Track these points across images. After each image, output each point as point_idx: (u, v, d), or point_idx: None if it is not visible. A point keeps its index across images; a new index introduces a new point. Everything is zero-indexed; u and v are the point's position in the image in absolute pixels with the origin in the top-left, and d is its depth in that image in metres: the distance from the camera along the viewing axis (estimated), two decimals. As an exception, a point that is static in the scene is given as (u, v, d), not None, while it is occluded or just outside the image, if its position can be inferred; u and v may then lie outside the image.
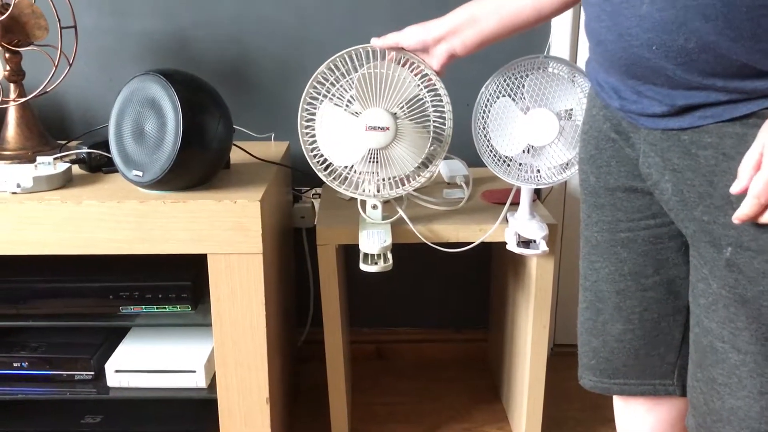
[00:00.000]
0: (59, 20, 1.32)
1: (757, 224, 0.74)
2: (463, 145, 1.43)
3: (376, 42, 1.19)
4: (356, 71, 1.21)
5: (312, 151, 1.26)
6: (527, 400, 1.46)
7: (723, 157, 0.75)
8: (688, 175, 0.79)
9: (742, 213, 0.72)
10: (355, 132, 1.21)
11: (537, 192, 1.50)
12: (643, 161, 0.86)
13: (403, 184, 1.29)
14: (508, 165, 1.27)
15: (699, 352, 0.86)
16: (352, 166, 1.26)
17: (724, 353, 0.81)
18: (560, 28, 1.69)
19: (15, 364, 1.31)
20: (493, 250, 1.81)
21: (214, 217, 1.16)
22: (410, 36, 1.16)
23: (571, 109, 1.22)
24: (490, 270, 1.86)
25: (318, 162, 1.26)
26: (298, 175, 1.66)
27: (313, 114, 1.23)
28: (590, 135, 0.95)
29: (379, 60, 1.21)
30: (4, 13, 1.30)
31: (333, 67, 1.22)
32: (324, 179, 1.27)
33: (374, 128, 1.21)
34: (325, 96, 1.22)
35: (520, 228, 1.29)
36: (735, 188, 0.72)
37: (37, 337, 1.37)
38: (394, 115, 1.21)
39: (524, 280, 1.45)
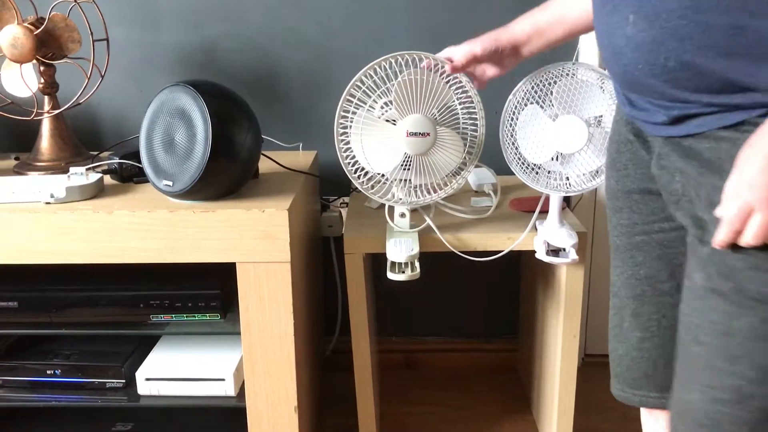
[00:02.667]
0: (92, 33, 1.34)
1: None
2: (491, 152, 1.43)
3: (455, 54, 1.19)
4: (390, 79, 1.21)
5: (347, 158, 1.26)
6: (557, 411, 1.44)
7: (718, 160, 0.77)
8: (691, 176, 0.81)
9: (718, 239, 0.74)
10: (394, 138, 1.21)
11: (566, 200, 1.49)
12: (655, 162, 0.87)
13: (435, 192, 1.29)
14: (537, 173, 1.26)
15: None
16: (388, 174, 1.26)
17: (688, 346, 0.82)
18: (589, 34, 1.67)
19: (48, 372, 1.33)
20: (522, 259, 1.79)
21: (242, 226, 1.17)
22: (485, 48, 1.16)
23: (601, 116, 1.21)
24: (519, 279, 1.85)
25: (352, 170, 1.26)
26: (325, 184, 1.66)
27: (349, 121, 1.23)
28: (613, 139, 0.97)
29: (411, 68, 1.21)
30: (39, 28, 1.33)
31: (372, 73, 1.22)
32: (359, 186, 1.27)
33: (415, 134, 1.21)
34: (361, 103, 1.22)
35: (550, 236, 1.28)
36: (718, 212, 0.75)
37: (69, 345, 1.39)
38: (435, 121, 1.22)
39: (554, 289, 1.43)
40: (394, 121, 1.21)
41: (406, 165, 1.24)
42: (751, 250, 0.73)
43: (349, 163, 1.26)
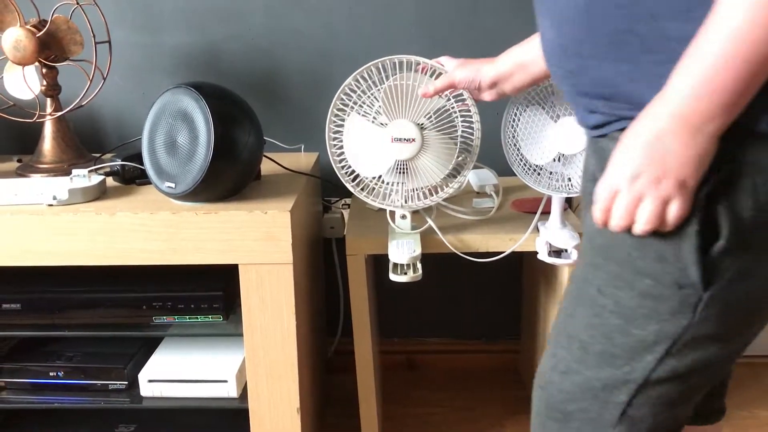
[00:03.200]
0: (94, 36, 1.34)
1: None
2: (493, 153, 1.43)
3: (429, 87, 1.19)
4: (383, 83, 1.21)
5: (340, 162, 1.26)
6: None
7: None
8: (599, 176, 0.81)
9: (593, 216, 0.75)
10: (381, 143, 1.21)
11: (568, 201, 1.49)
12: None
13: (432, 195, 1.29)
14: (539, 174, 1.26)
15: None
16: (380, 177, 1.26)
17: (557, 319, 0.85)
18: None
19: (51, 374, 1.33)
20: (524, 260, 1.79)
21: (245, 228, 1.17)
22: (463, 79, 1.16)
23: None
24: (521, 280, 1.85)
25: (346, 173, 1.27)
26: (327, 186, 1.67)
27: (341, 125, 1.24)
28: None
29: (405, 71, 1.21)
30: (41, 30, 1.33)
31: (360, 78, 1.22)
32: (352, 190, 1.27)
33: (400, 140, 1.21)
34: (352, 107, 1.23)
35: (552, 237, 1.28)
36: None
37: (72, 346, 1.39)
38: (420, 126, 1.21)
39: (556, 289, 1.43)
40: (385, 124, 1.22)
41: (400, 169, 1.24)
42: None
43: (341, 167, 1.26)
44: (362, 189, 1.28)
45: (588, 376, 0.78)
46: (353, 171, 1.26)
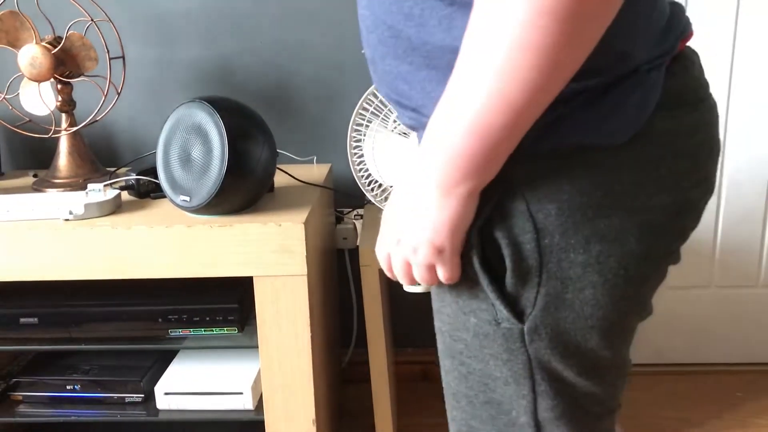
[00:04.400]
0: (108, 51, 1.36)
1: None
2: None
3: None
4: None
5: (360, 171, 1.26)
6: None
7: None
8: None
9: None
10: (406, 152, 1.22)
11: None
12: None
13: None
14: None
15: None
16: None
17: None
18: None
19: (68, 387, 1.34)
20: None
21: (259, 240, 1.18)
22: None
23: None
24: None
25: (366, 183, 1.27)
26: (340, 197, 1.67)
27: (363, 134, 1.24)
28: None
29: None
30: (56, 47, 1.35)
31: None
32: (372, 199, 1.28)
33: None
34: (370, 118, 1.23)
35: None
36: None
37: (88, 360, 1.40)
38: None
39: (570, 298, 1.43)
40: (407, 134, 1.22)
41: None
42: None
43: (362, 176, 1.26)
44: (385, 198, 1.28)
45: (488, 430, 0.71)
46: (375, 180, 1.26)
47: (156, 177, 1.27)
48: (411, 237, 0.63)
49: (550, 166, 0.60)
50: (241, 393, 1.29)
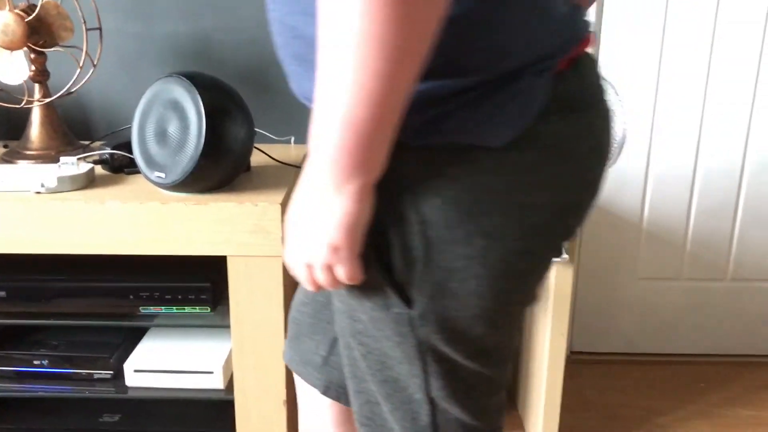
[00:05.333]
0: (84, 22, 1.33)
1: None
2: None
3: None
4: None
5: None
6: (543, 408, 1.45)
7: None
8: None
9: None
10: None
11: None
12: None
13: None
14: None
15: None
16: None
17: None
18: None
19: (35, 362, 1.32)
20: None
21: (234, 220, 1.17)
22: None
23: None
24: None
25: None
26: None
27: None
28: None
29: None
30: (30, 15, 1.32)
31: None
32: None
33: None
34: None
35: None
36: None
37: (57, 335, 1.38)
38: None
39: (542, 291, 1.44)
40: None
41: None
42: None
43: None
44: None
45: (387, 405, 0.74)
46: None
47: (131, 152, 1.25)
48: (308, 240, 0.63)
49: (435, 162, 0.61)
50: (211, 372, 1.29)
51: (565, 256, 1.27)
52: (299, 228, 0.64)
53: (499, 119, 0.60)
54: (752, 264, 1.91)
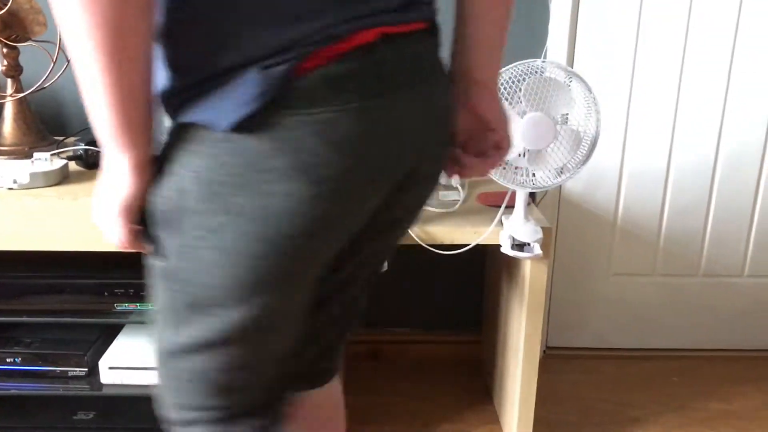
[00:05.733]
0: (58, 16, 1.32)
1: None
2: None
3: None
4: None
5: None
6: (519, 402, 1.47)
7: None
8: None
9: None
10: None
11: (532, 195, 1.51)
12: None
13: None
14: (504, 168, 1.28)
15: None
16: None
17: None
18: (557, 32, 1.70)
19: (8, 360, 1.31)
20: (487, 253, 1.81)
21: (210, 216, 1.16)
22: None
23: (567, 114, 1.22)
24: (485, 272, 1.87)
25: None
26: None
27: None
28: None
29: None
30: (2, 8, 1.30)
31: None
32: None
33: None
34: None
35: (515, 231, 1.30)
36: None
37: (30, 333, 1.37)
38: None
39: (518, 282, 1.45)
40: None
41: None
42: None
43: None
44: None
45: (171, 332, 0.80)
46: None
47: (105, 148, 1.24)
48: (96, 207, 0.75)
49: (190, 140, 0.69)
50: (187, 369, 1.28)
51: (539, 251, 1.29)
52: (96, 195, 0.75)
53: (224, 106, 0.66)
54: (724, 260, 1.94)
